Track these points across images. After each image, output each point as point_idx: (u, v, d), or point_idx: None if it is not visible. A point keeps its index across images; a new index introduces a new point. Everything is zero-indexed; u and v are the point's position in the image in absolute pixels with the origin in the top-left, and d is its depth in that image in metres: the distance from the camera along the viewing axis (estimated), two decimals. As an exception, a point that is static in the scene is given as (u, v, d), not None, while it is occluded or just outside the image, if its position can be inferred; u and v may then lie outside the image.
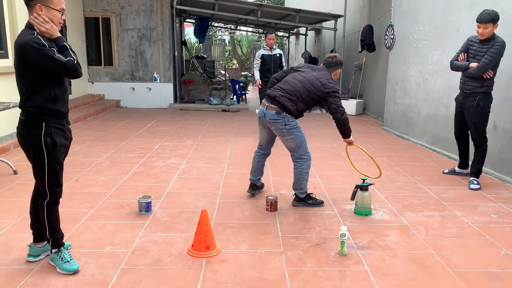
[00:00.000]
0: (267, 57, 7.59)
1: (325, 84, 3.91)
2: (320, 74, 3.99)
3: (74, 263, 2.83)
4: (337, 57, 4.13)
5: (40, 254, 2.98)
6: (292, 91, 3.92)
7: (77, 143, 6.58)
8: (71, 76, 2.73)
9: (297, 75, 4.04)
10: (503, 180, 4.95)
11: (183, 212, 3.90)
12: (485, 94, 4.53)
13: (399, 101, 7.85)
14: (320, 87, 3.91)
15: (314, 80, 3.93)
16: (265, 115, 3.98)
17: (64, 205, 4.01)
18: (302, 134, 4.05)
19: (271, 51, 7.65)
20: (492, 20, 4.35)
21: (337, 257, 3.09)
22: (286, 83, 4.00)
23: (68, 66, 2.65)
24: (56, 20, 2.72)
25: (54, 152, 2.73)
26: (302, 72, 4.07)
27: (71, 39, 10.09)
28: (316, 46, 17.10)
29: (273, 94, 3.96)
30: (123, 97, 11.30)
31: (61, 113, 2.78)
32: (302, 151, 4.03)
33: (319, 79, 3.93)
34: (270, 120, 3.95)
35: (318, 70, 4.06)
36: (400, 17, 7.92)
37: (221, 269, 2.89)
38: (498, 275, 2.87)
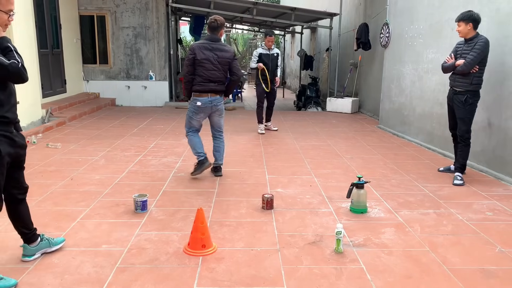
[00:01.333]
0: (264, 56, 7.65)
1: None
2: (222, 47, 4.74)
3: (8, 278, 2.64)
4: (219, 20, 4.70)
5: (35, 253, 2.96)
6: (215, 76, 4.71)
7: (72, 142, 6.56)
8: (15, 80, 2.55)
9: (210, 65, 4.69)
10: (498, 177, 4.97)
11: (179, 210, 3.89)
12: (473, 92, 4.72)
13: (394, 99, 7.87)
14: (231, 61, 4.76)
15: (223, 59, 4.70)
16: (212, 101, 4.73)
17: (59, 203, 4.02)
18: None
19: (269, 51, 7.70)
20: (461, 19, 4.65)
21: (333, 254, 3.10)
22: (206, 70, 4.69)
23: (10, 69, 2.47)
24: (2, 22, 2.58)
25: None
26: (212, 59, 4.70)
27: (65, 37, 10.05)
28: (312, 45, 17.10)
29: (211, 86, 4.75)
30: (118, 95, 11.26)
31: (8, 119, 2.57)
32: (222, 127, 5.05)
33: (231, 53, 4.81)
34: (217, 104, 4.80)
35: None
36: (396, 16, 7.93)
37: (217, 267, 2.89)
38: (493, 272, 2.88)
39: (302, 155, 6.06)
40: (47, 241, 3.01)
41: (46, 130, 7.32)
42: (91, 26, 11.19)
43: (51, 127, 7.52)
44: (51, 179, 4.71)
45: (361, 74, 10.97)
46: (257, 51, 7.78)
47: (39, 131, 7.03)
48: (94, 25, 11.16)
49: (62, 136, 7.04)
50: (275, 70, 7.82)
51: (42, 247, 2.97)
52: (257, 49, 7.90)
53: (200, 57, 4.59)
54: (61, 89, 9.89)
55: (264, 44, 7.78)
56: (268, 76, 7.60)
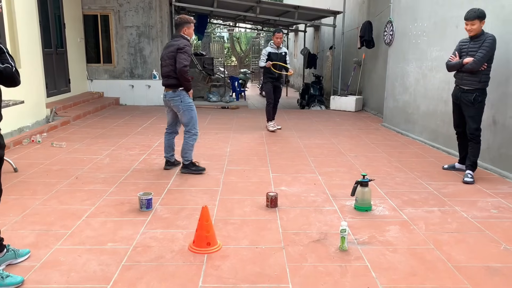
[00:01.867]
0: (273, 55, 7.63)
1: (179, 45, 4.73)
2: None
3: (15, 276, 2.63)
4: (179, 17, 4.88)
5: (1, 264, 2.78)
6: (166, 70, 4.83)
7: (76, 141, 6.59)
8: (8, 84, 2.48)
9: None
10: (503, 175, 4.96)
11: (183, 208, 3.91)
12: (482, 90, 4.69)
13: (398, 97, 7.86)
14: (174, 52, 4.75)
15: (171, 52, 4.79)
16: (165, 96, 4.91)
17: (65, 202, 4.05)
18: (195, 113, 4.93)
19: (277, 49, 7.68)
20: (478, 17, 4.57)
21: (338, 252, 3.10)
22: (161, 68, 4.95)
23: (4, 73, 2.42)
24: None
25: None
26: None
27: (69, 37, 10.09)
28: (315, 43, 17.08)
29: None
30: (122, 94, 11.28)
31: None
32: (191, 126, 4.91)
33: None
34: (169, 99, 4.87)
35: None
36: (399, 13, 7.91)
37: (222, 265, 2.90)
38: (498, 270, 2.88)
39: (306, 153, 6.06)
40: (13, 252, 2.87)
41: (51, 129, 7.36)
42: (95, 25, 11.21)
43: (55, 127, 7.55)
44: (56, 178, 4.73)
45: (365, 72, 10.95)
46: (266, 50, 7.74)
47: (44, 130, 7.06)
48: (97, 24, 11.19)
49: (66, 135, 7.07)
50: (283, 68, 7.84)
51: (7, 258, 2.82)
52: (266, 48, 7.87)
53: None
54: (65, 88, 9.92)
55: (273, 42, 7.75)
56: (277, 71, 7.64)
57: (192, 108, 4.89)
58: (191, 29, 4.88)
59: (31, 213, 3.75)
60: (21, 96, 6.17)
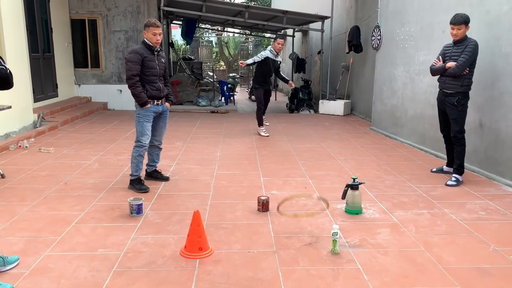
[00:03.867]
0: (271, 61, 7.55)
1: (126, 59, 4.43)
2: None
3: (4, 284, 2.61)
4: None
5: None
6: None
7: (65, 146, 6.52)
8: (2, 86, 2.49)
9: None
10: (490, 177, 5.03)
11: (174, 213, 3.89)
12: (464, 94, 4.78)
13: (386, 101, 7.93)
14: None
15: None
16: None
17: (54, 208, 4.00)
18: (143, 125, 4.49)
19: (276, 57, 7.63)
20: (464, 22, 4.67)
21: (330, 255, 3.12)
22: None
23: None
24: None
25: None
26: None
27: (57, 41, 10.00)
28: (304, 48, 17.18)
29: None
30: (110, 99, 11.21)
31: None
32: (136, 137, 4.54)
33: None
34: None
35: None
36: (387, 18, 8.01)
37: (214, 270, 2.89)
38: (488, 271, 2.92)
39: (296, 157, 6.08)
40: (2, 259, 2.83)
41: (38, 134, 7.27)
42: (83, 30, 11.13)
43: (43, 132, 7.47)
44: (45, 184, 4.68)
45: (353, 77, 11.03)
46: (265, 53, 7.57)
47: (31, 135, 6.98)
48: (85, 29, 11.11)
49: (54, 140, 6.99)
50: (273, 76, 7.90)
51: None
52: (265, 51, 7.70)
53: None
54: (53, 93, 9.82)
55: (273, 49, 7.54)
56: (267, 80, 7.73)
57: (138, 120, 4.50)
58: (149, 33, 4.37)
59: (20, 220, 3.69)
60: (7, 101, 6.10)
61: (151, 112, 4.51)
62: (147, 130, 4.51)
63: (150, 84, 4.47)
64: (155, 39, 4.38)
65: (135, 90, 4.38)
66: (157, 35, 4.37)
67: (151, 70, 4.44)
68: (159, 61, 4.54)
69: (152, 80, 4.48)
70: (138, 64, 4.35)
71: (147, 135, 4.51)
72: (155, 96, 4.52)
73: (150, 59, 4.42)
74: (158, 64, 4.51)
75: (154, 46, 4.43)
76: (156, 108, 4.56)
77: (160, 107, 4.61)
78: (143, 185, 4.54)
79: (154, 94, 4.50)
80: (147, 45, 4.42)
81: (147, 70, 4.41)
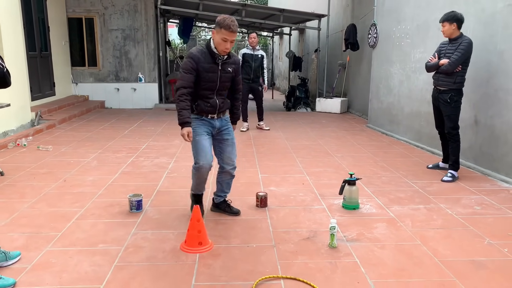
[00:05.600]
0: (248, 56, 7.79)
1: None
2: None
3: (7, 278, 2.64)
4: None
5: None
6: None
7: (63, 144, 6.54)
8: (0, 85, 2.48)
9: None
10: (485, 173, 5.09)
11: (174, 209, 3.92)
12: (457, 91, 4.83)
13: (383, 98, 7.99)
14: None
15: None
16: None
17: (53, 205, 4.03)
18: (198, 140, 3.50)
19: (253, 51, 7.80)
20: (446, 19, 4.77)
21: (328, 249, 3.16)
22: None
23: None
24: None
25: None
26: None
27: (54, 40, 10.00)
28: (300, 46, 17.21)
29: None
30: (107, 97, 11.23)
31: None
32: (194, 157, 3.61)
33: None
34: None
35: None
36: (383, 16, 8.06)
37: (214, 264, 2.94)
38: (483, 264, 2.97)
39: (293, 154, 6.12)
40: (4, 255, 2.87)
41: (36, 132, 7.28)
42: (80, 28, 11.14)
43: (41, 130, 7.48)
44: (44, 181, 4.70)
45: (350, 75, 11.09)
46: (241, 51, 7.95)
47: (29, 134, 6.99)
48: (82, 27, 11.12)
49: (52, 138, 7.01)
50: (259, 71, 7.90)
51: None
52: (242, 49, 8.04)
53: None
54: (50, 92, 9.83)
55: (248, 44, 7.92)
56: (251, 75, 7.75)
57: (196, 133, 3.51)
58: (218, 36, 3.35)
59: (20, 216, 3.72)
60: (5, 100, 6.12)
61: (204, 125, 3.56)
62: (204, 147, 3.52)
63: (204, 99, 3.49)
64: (223, 47, 3.35)
65: (177, 104, 3.38)
66: (227, 42, 3.33)
67: (207, 84, 3.45)
68: (224, 72, 3.49)
69: (206, 95, 3.49)
70: (192, 73, 3.38)
71: (203, 153, 3.52)
72: (209, 111, 3.55)
73: (209, 69, 3.41)
74: (221, 76, 3.48)
75: (219, 54, 3.40)
76: (211, 122, 3.58)
77: (217, 121, 3.60)
78: (201, 203, 3.79)
79: (207, 111, 3.54)
80: (210, 51, 3.41)
81: (203, 83, 3.44)
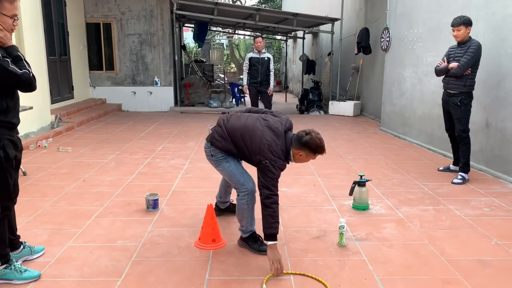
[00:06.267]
0: (255, 59, 7.94)
1: (263, 150, 2.92)
2: (269, 136, 2.95)
3: (32, 270, 2.79)
4: (310, 136, 2.90)
5: (17, 260, 2.91)
6: (230, 129, 3.13)
7: (82, 146, 6.75)
8: (25, 89, 2.60)
9: (250, 119, 3.13)
10: (496, 176, 5.13)
11: (188, 208, 4.07)
12: (467, 94, 4.89)
13: (395, 101, 8.04)
14: (256, 149, 2.96)
15: (256, 137, 2.97)
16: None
17: (74, 203, 4.21)
18: (233, 165, 3.23)
19: (259, 54, 7.94)
20: (463, 23, 4.80)
21: (337, 248, 3.27)
22: (234, 119, 3.21)
23: (23, 78, 2.53)
24: (7, 26, 2.58)
25: (7, 165, 2.61)
26: (258, 120, 3.11)
27: (73, 45, 10.28)
28: (314, 49, 17.30)
29: (217, 123, 3.28)
30: (124, 101, 11.47)
31: (13, 125, 2.66)
32: (235, 184, 3.25)
33: (262, 140, 2.94)
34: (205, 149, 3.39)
35: (273, 133, 2.98)
36: (396, 20, 8.12)
37: (227, 260, 3.06)
38: (489, 263, 3.04)
39: (305, 156, 6.22)
40: (29, 249, 3.03)
41: (56, 134, 7.52)
42: (97, 33, 11.42)
43: (60, 132, 7.72)
44: (64, 181, 4.89)
45: (363, 78, 11.14)
46: (248, 55, 8.11)
47: (49, 135, 7.23)
48: (100, 32, 11.39)
49: (71, 140, 7.23)
50: (267, 74, 8.02)
51: (24, 254, 2.99)
52: (249, 53, 8.18)
53: None
54: (69, 95, 10.10)
55: (254, 48, 8.09)
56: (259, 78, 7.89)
57: (228, 160, 3.25)
58: (300, 158, 3.03)
59: (42, 214, 3.91)
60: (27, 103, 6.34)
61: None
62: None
63: None
64: (303, 162, 3.08)
65: (268, 210, 3.00)
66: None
67: None
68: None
69: None
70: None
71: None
72: None
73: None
74: None
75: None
76: None
77: None
78: (262, 243, 3.19)
79: None
80: (286, 158, 3.03)
81: None
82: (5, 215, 2.72)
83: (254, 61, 7.91)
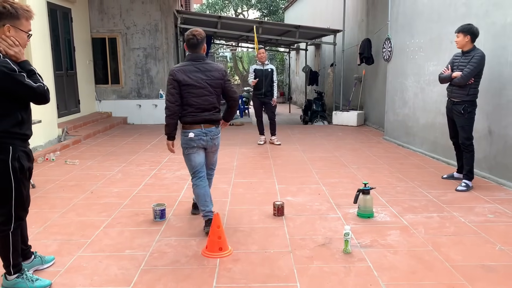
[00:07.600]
0: (258, 71, 8.05)
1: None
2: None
3: (44, 279, 2.86)
4: (196, 36, 3.72)
5: (29, 270, 2.94)
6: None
7: (89, 158, 6.84)
8: (39, 101, 2.68)
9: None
10: (500, 183, 5.16)
11: (195, 218, 4.12)
12: (470, 102, 4.94)
13: (398, 111, 8.10)
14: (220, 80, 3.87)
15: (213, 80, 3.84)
16: (207, 133, 3.86)
17: (82, 214, 4.28)
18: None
19: (263, 66, 8.06)
20: (461, 30, 4.91)
21: (342, 255, 3.31)
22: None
23: (38, 92, 2.62)
24: (22, 42, 2.66)
25: (21, 176, 2.68)
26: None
27: (79, 59, 10.45)
28: (316, 60, 17.44)
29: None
30: (130, 114, 11.59)
31: (27, 136, 2.73)
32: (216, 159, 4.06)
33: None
34: (214, 137, 3.92)
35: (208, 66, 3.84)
36: (397, 31, 8.22)
37: (234, 268, 3.11)
38: (493, 268, 3.07)
39: (310, 166, 6.28)
40: (40, 259, 3.10)
41: (63, 148, 7.63)
42: (103, 47, 11.59)
43: (67, 145, 7.82)
44: (72, 193, 4.97)
45: (366, 88, 11.23)
46: (252, 67, 8.25)
47: (57, 149, 7.33)
48: (105, 46, 11.57)
49: (78, 153, 7.33)
50: (270, 85, 8.12)
51: (35, 264, 3.05)
52: (253, 65, 8.31)
53: (186, 82, 3.74)
54: (75, 109, 10.24)
55: (257, 60, 8.23)
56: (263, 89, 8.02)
57: None
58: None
59: (52, 225, 3.98)
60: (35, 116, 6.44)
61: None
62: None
63: None
64: None
65: None
66: None
67: None
68: None
69: None
70: None
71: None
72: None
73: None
74: None
75: None
76: None
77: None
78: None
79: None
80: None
81: None
82: (18, 225, 2.79)
83: (258, 73, 8.02)
